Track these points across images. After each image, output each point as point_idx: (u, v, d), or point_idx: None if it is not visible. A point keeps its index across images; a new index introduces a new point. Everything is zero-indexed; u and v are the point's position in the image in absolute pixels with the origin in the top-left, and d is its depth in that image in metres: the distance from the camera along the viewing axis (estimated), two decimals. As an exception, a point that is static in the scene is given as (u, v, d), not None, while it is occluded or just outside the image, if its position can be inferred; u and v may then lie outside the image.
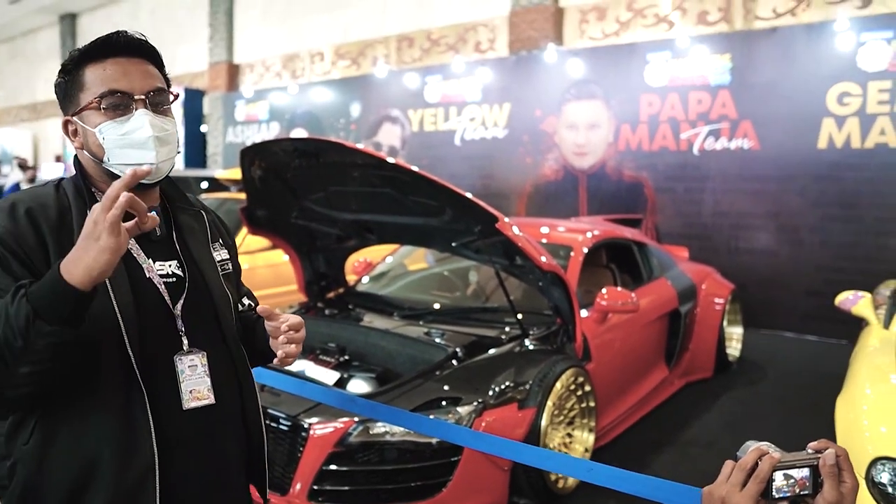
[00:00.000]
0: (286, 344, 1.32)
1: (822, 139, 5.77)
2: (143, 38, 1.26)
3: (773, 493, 0.94)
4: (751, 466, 0.97)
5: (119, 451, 1.16)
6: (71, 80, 1.24)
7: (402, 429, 2.53)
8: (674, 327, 4.32)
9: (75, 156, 1.31)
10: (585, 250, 3.82)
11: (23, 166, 12.96)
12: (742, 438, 3.58)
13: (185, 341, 1.26)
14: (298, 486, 2.50)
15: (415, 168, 2.67)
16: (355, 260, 4.37)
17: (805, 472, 0.95)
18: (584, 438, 3.15)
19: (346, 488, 2.54)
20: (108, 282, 1.16)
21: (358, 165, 2.93)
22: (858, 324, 3.67)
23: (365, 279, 4.31)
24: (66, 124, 1.27)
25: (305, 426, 2.55)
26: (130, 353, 1.17)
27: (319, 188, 3.26)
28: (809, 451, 0.98)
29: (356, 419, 2.55)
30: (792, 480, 0.95)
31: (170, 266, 1.30)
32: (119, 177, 1.13)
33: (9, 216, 1.16)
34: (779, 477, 0.95)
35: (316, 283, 3.96)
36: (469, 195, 2.76)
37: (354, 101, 9.45)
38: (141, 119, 1.21)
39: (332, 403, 2.42)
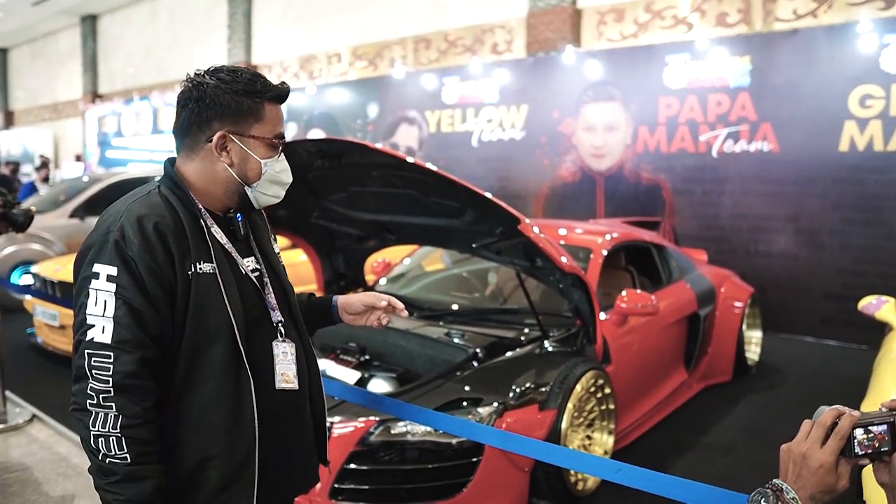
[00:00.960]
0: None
1: (843, 142, 5.72)
2: None
3: (856, 449, 0.97)
4: (830, 424, 1.00)
5: (228, 435, 1.32)
6: (252, 106, 1.35)
7: (422, 429, 2.55)
8: (693, 330, 4.30)
9: (174, 164, 1.39)
10: (605, 252, 3.82)
11: (41, 165, 13.11)
12: (762, 442, 3.58)
13: (283, 329, 1.43)
14: (319, 485, 2.51)
15: (438, 169, 2.68)
16: (374, 260, 4.39)
17: (883, 427, 0.98)
18: (604, 440, 3.15)
19: (367, 487, 2.55)
20: (223, 291, 1.32)
21: (380, 166, 2.95)
22: (881, 329, 3.63)
23: (383, 281, 4.33)
24: (223, 137, 1.34)
25: (327, 425, 2.56)
26: (238, 339, 1.32)
27: (341, 189, 3.28)
28: (883, 409, 1.01)
29: (377, 418, 2.56)
30: (871, 435, 0.98)
31: (251, 262, 1.44)
32: (249, 200, 1.40)
33: (140, 233, 1.26)
34: (859, 432, 0.98)
35: (335, 283, 3.99)
36: (491, 196, 2.76)
37: (371, 103, 9.48)
38: (286, 163, 1.43)
39: (358, 402, 2.43)
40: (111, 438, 1.20)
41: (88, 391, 1.21)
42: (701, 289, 4.43)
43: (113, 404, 1.21)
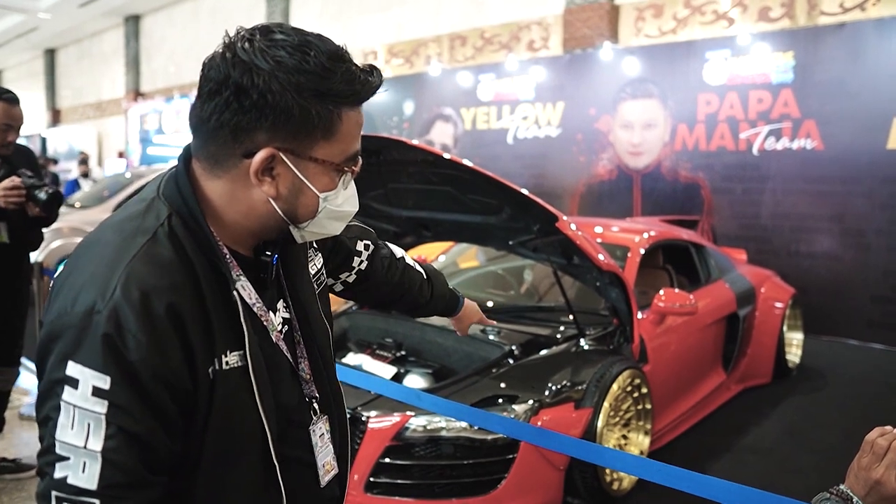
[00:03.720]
0: None
1: (892, 139, 5.55)
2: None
3: None
4: None
5: None
6: (323, 115, 0.87)
7: (458, 424, 2.56)
8: (731, 331, 4.22)
9: (191, 184, 0.93)
10: (642, 251, 3.77)
11: (83, 161, 13.46)
12: (802, 446, 3.52)
13: (316, 406, 1.06)
14: (356, 478, 2.54)
15: (478, 167, 2.68)
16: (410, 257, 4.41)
17: None
18: (640, 441, 3.12)
19: (402, 482, 2.57)
20: (257, 392, 0.93)
21: (417, 163, 2.96)
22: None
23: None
24: (270, 157, 0.88)
25: (363, 419, 2.60)
26: (272, 449, 0.95)
27: (378, 185, 3.30)
28: None
29: (413, 413, 2.58)
30: None
31: (280, 310, 1.04)
32: (289, 236, 0.96)
33: (146, 322, 0.82)
34: None
35: (371, 279, 4.01)
36: (528, 193, 2.75)
37: (407, 100, 9.52)
38: (352, 189, 0.97)
39: (395, 397, 2.46)
40: None
41: None
42: (740, 289, 4.35)
43: None
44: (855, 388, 4.62)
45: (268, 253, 0.98)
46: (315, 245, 1.16)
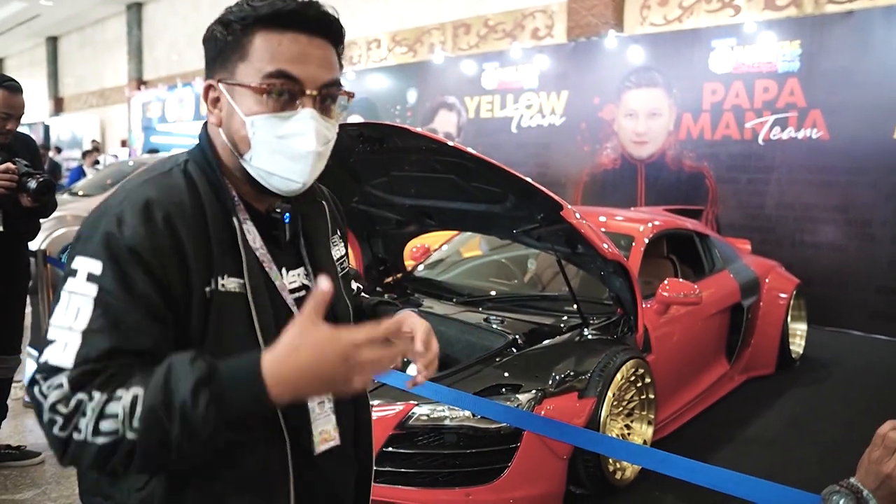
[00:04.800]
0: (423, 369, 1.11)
1: (898, 129, 5.51)
2: (336, 15, 1.01)
3: None
4: None
5: (256, 500, 0.98)
6: (233, 41, 0.97)
7: (461, 413, 2.55)
8: (735, 321, 4.21)
9: (205, 130, 1.06)
10: (647, 240, 3.76)
11: (92, 150, 13.43)
12: (805, 437, 3.50)
13: None
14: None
15: (482, 155, 2.66)
16: (412, 246, 4.40)
17: None
18: (643, 430, 3.12)
19: (405, 470, 2.57)
20: (256, 320, 0.96)
21: (421, 151, 2.94)
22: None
23: (420, 267, 4.34)
24: (208, 89, 1.01)
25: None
26: None
27: (381, 173, 3.29)
28: None
29: (416, 402, 2.58)
30: None
31: (298, 276, 1.08)
32: (256, 181, 1.00)
33: (144, 221, 0.90)
34: None
35: (375, 268, 4.01)
36: (532, 182, 2.74)
37: (411, 88, 9.48)
38: (305, 123, 0.97)
39: (398, 385, 2.45)
40: (120, 434, 0.80)
41: (56, 432, 0.82)
42: (745, 279, 4.34)
43: (86, 413, 0.81)
44: (858, 380, 4.61)
45: (277, 210, 1.06)
46: (339, 233, 1.23)
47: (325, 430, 1.06)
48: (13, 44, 21.93)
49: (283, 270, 1.06)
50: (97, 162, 11.91)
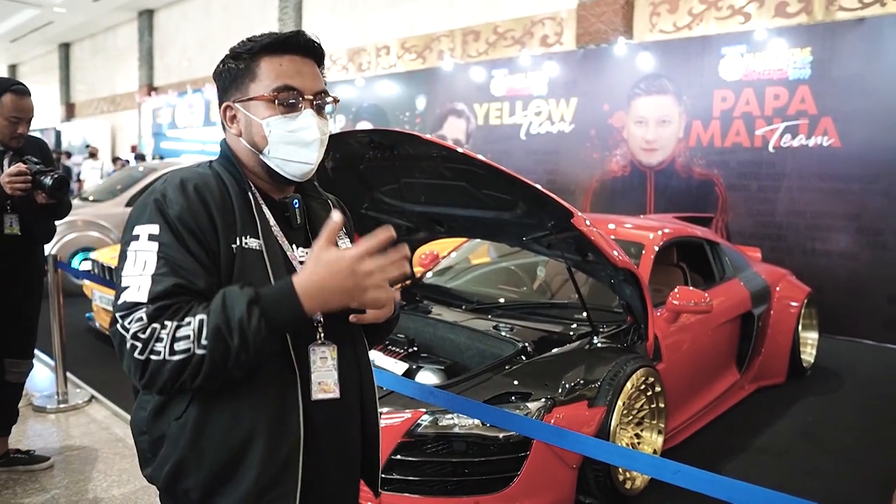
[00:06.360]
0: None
1: (911, 137, 5.47)
2: (318, 41, 1.30)
3: None
4: None
5: (272, 429, 1.17)
6: (244, 68, 1.25)
7: (470, 422, 2.54)
8: (746, 330, 4.18)
9: (225, 141, 1.33)
10: (657, 248, 3.74)
11: (92, 155, 13.52)
12: (818, 448, 3.45)
13: (321, 332, 1.26)
14: (368, 474, 2.53)
15: (491, 162, 2.65)
16: (421, 253, 4.40)
17: None
18: (653, 440, 3.09)
19: (414, 478, 2.56)
20: (270, 271, 1.19)
21: (431, 157, 2.94)
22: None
23: (429, 273, 4.33)
24: (226, 109, 1.28)
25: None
26: (288, 338, 1.19)
27: (391, 180, 3.29)
28: None
29: (425, 410, 2.57)
30: None
31: (306, 253, 1.29)
32: (274, 171, 1.26)
33: (181, 193, 1.16)
34: None
35: (383, 275, 4.00)
36: (542, 189, 2.73)
37: (420, 95, 9.50)
38: (308, 119, 1.24)
39: (407, 393, 2.44)
40: (190, 351, 1.05)
41: (136, 356, 1.06)
42: (755, 287, 4.31)
43: (162, 338, 1.05)
44: (870, 389, 4.57)
45: (288, 197, 1.32)
46: (345, 231, 1.41)
47: (325, 382, 1.26)
48: (26, 50, 22.16)
49: (294, 246, 1.29)
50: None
